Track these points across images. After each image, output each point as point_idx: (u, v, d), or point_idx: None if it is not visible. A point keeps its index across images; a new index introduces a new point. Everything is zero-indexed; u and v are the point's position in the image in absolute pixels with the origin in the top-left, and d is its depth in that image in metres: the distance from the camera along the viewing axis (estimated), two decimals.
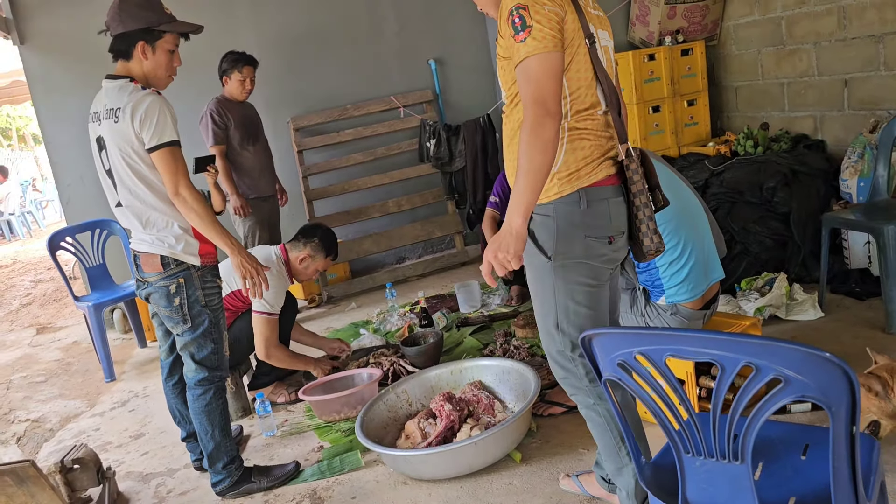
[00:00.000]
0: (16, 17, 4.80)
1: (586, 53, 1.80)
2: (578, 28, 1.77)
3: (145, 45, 2.44)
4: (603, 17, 1.94)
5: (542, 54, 1.70)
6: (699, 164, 4.48)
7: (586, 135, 1.84)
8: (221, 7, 5.18)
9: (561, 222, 1.84)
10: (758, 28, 4.81)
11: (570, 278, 1.88)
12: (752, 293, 3.55)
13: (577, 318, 1.92)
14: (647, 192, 1.89)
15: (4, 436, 3.83)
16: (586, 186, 1.83)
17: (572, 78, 1.80)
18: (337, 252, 3.70)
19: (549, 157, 1.69)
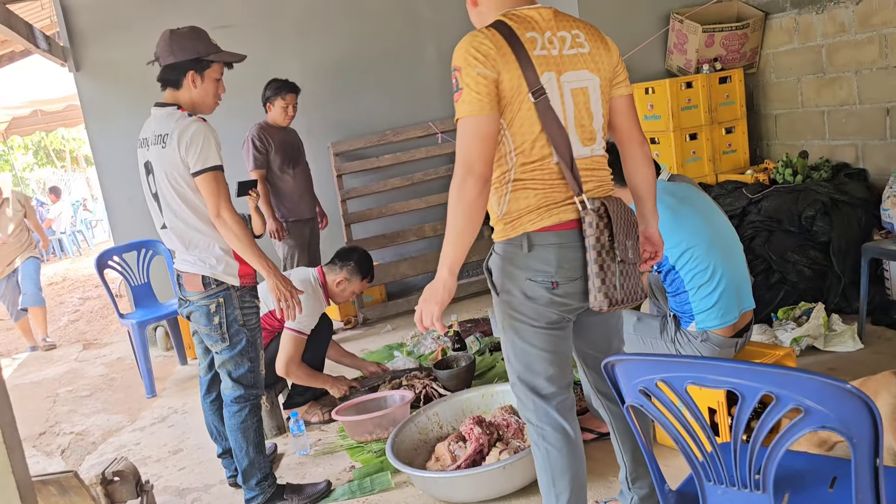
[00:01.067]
0: (72, 45, 5.03)
1: (531, 108, 1.79)
2: (519, 85, 1.77)
3: (195, 74, 2.57)
4: (586, 55, 1.87)
5: (469, 118, 1.75)
6: (737, 192, 4.45)
7: (532, 185, 1.83)
8: (266, 36, 5.35)
9: (505, 262, 1.89)
10: (798, 56, 4.78)
11: (514, 315, 1.91)
12: (789, 323, 3.51)
13: (523, 355, 1.93)
14: (607, 247, 1.82)
15: (50, 447, 3.95)
16: (532, 231, 1.83)
17: (516, 133, 1.81)
18: (373, 275, 3.76)
19: (471, 217, 1.76)
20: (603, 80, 1.90)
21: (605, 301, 1.81)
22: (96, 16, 5.04)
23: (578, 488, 1.97)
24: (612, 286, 1.82)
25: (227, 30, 5.03)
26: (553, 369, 1.93)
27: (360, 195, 5.47)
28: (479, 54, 1.76)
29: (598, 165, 1.93)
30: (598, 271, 1.81)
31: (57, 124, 11.49)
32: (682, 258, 2.62)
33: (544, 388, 1.94)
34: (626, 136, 2.01)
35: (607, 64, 1.92)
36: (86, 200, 17.85)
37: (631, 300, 1.88)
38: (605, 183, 1.95)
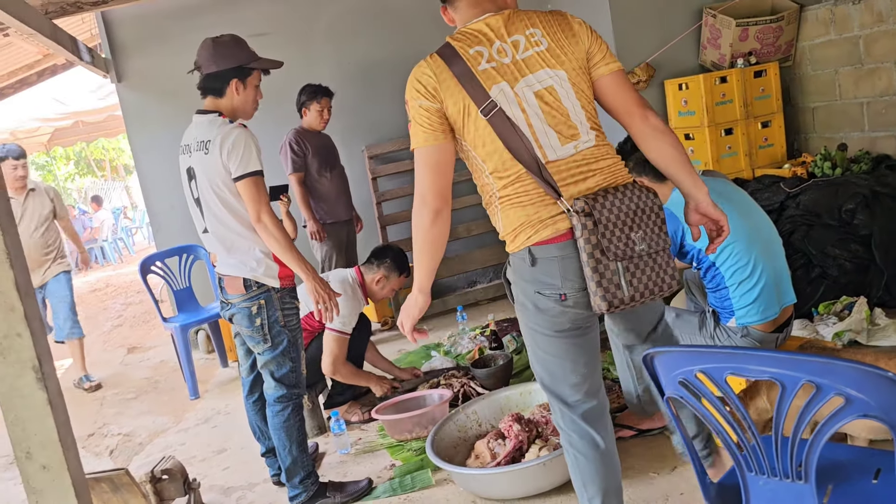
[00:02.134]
0: (114, 57, 5.17)
1: (487, 126, 1.77)
2: (468, 107, 1.77)
3: (238, 82, 2.64)
4: (544, 53, 1.81)
5: (418, 149, 1.84)
6: (774, 187, 4.40)
7: (517, 200, 1.82)
8: (299, 43, 5.43)
9: (516, 275, 1.91)
10: (834, 48, 4.71)
11: (529, 324, 1.92)
12: (831, 318, 3.46)
13: (546, 363, 1.94)
14: (598, 246, 1.74)
15: (98, 448, 4.07)
16: (532, 245, 1.81)
17: (482, 153, 1.82)
18: (409, 270, 3.81)
19: (426, 244, 1.88)
20: (571, 72, 1.82)
21: (604, 304, 1.74)
22: (136, 28, 5.17)
23: (611, 493, 1.95)
24: (614, 286, 1.75)
25: (261, 38, 5.12)
26: (575, 377, 1.90)
27: (394, 197, 5.52)
28: (421, 85, 1.81)
29: (594, 158, 1.84)
30: (593, 273, 1.74)
31: (97, 134, 11.78)
32: (721, 254, 2.62)
33: (569, 396, 1.92)
34: (624, 113, 1.88)
35: (574, 52, 1.83)
36: (126, 209, 18.27)
37: (650, 294, 1.79)
38: (608, 173, 1.85)
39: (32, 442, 1.89)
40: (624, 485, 2.55)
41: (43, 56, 7.38)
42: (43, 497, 1.90)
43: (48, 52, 7.02)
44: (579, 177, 1.81)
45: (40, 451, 1.89)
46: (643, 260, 1.79)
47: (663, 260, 1.83)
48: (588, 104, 1.85)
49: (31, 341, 1.85)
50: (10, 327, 1.84)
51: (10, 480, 3.79)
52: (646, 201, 1.82)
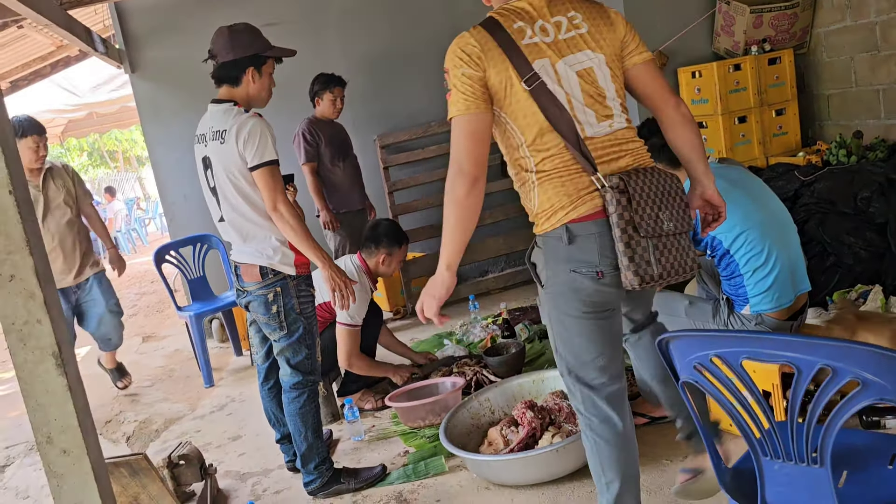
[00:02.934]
0: (128, 47, 5.20)
1: (528, 98, 1.79)
2: (510, 77, 1.79)
3: (254, 70, 2.65)
4: (585, 35, 1.86)
5: (458, 117, 1.82)
6: (788, 175, 4.37)
7: (556, 174, 1.83)
8: (310, 33, 5.44)
9: (548, 256, 1.88)
10: (850, 34, 4.67)
11: (559, 307, 1.90)
12: None
13: (571, 347, 1.92)
14: (630, 222, 1.77)
15: (115, 435, 4.12)
16: (569, 222, 1.82)
17: (521, 124, 1.83)
18: (406, 237, 3.81)
19: (463, 214, 1.82)
20: (609, 56, 1.88)
21: (636, 279, 1.76)
22: (149, 18, 5.19)
23: (629, 478, 1.95)
24: (645, 262, 1.77)
25: (273, 28, 5.12)
26: (603, 360, 1.91)
27: (406, 186, 5.52)
28: (465, 55, 1.81)
29: (625, 139, 1.89)
30: (625, 249, 1.76)
31: (111, 125, 11.85)
32: (736, 241, 2.61)
33: (594, 379, 1.92)
34: (655, 101, 1.95)
35: (611, 39, 1.89)
36: (139, 199, 18.38)
37: (674, 274, 1.82)
38: (637, 155, 1.90)
39: (53, 427, 1.92)
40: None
41: (56, 48, 7.43)
42: (63, 481, 1.93)
43: (62, 44, 7.06)
44: (613, 155, 1.85)
45: (60, 435, 1.92)
46: (670, 239, 1.82)
47: (686, 242, 1.87)
48: (620, 90, 1.91)
49: (50, 328, 1.87)
50: (30, 314, 1.86)
51: (31, 466, 3.84)
52: (671, 184, 1.87)
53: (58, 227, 4.07)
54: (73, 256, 4.13)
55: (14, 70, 7.79)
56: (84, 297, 4.25)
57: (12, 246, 1.84)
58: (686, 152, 1.96)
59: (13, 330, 1.86)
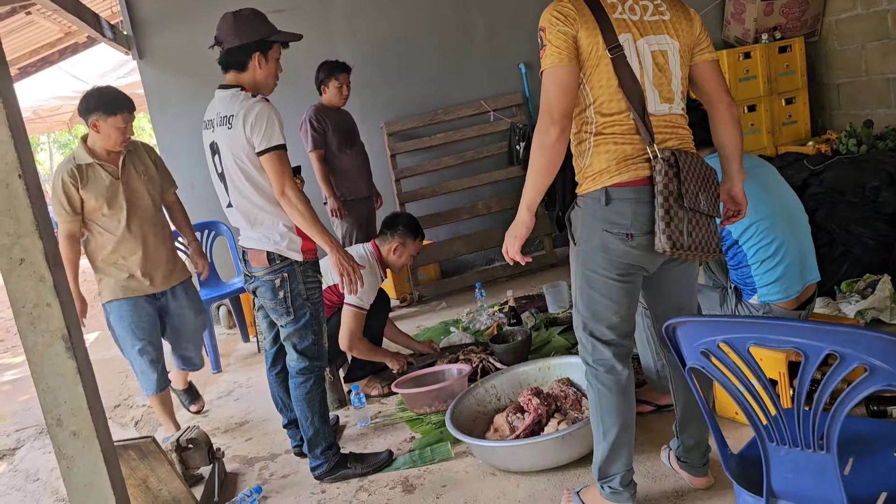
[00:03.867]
0: (135, 34, 5.20)
1: (609, 64, 1.94)
2: (597, 43, 1.93)
3: (260, 56, 2.64)
4: (667, 22, 2.01)
5: (551, 69, 1.95)
6: (798, 164, 4.35)
7: (612, 139, 1.98)
8: (317, 19, 5.42)
9: (585, 214, 2.05)
10: (861, 22, 4.63)
11: (588, 265, 2.07)
12: (853, 296, 3.44)
13: (591, 303, 2.09)
14: (675, 194, 1.93)
15: (124, 419, 4.15)
16: (610, 186, 1.98)
17: (595, 87, 1.98)
18: (423, 233, 3.83)
19: (549, 158, 1.95)
20: (682, 46, 2.03)
21: (668, 243, 1.91)
22: (157, 4, 5.19)
23: (625, 427, 2.12)
24: (678, 231, 1.92)
25: (280, 14, 5.12)
26: (617, 319, 2.08)
27: (413, 174, 5.52)
28: (561, 15, 1.95)
29: (677, 123, 2.05)
30: (664, 215, 1.92)
31: None
32: (746, 233, 2.60)
33: (605, 335, 2.10)
34: (713, 97, 2.12)
35: (688, 32, 2.05)
36: None
37: (700, 250, 1.97)
38: (684, 140, 2.06)
39: (63, 409, 1.94)
40: (641, 459, 2.59)
41: (64, 34, 7.44)
42: (73, 463, 1.95)
43: (70, 30, 7.07)
44: (666, 134, 2.01)
45: (70, 418, 1.94)
46: (703, 218, 2.00)
47: (714, 225, 2.05)
48: (684, 78, 2.07)
49: (60, 311, 1.89)
50: (39, 297, 1.88)
51: (41, 449, 3.88)
52: (711, 172, 2.06)
53: (140, 224, 3.25)
54: (158, 259, 3.30)
55: (23, 56, 7.81)
56: (169, 308, 3.40)
57: (22, 230, 1.85)
58: (728, 149, 2.15)
59: (23, 313, 1.88)
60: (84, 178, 3.14)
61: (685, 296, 2.19)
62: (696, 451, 2.32)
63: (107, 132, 3.10)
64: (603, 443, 2.14)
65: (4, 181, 1.83)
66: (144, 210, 3.29)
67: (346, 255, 2.73)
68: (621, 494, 2.17)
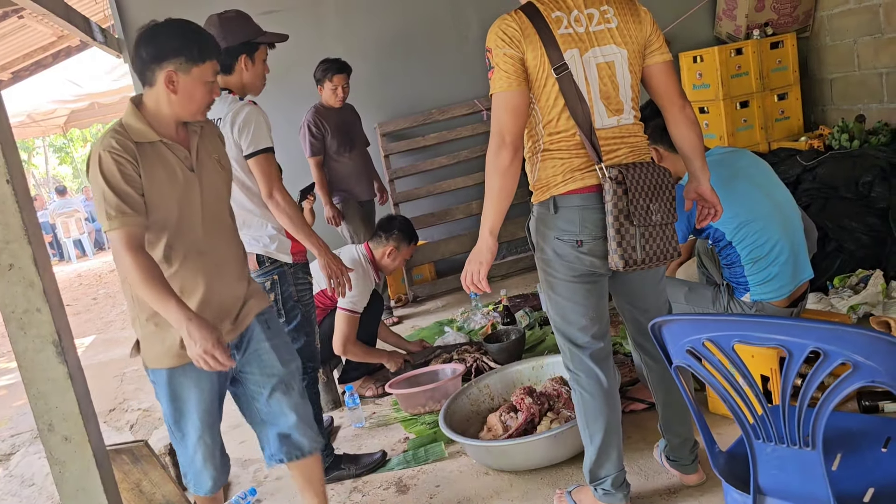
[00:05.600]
0: (127, 37, 5.18)
1: (555, 84, 1.94)
2: (542, 63, 1.93)
3: (246, 57, 2.64)
4: (613, 30, 1.98)
5: (499, 93, 1.95)
6: (790, 160, 4.36)
7: (558, 154, 2.00)
8: (310, 19, 5.42)
9: (538, 223, 2.08)
10: (854, 17, 4.64)
11: (548, 271, 2.10)
12: (846, 290, 3.44)
13: (558, 308, 2.12)
14: (624, 211, 1.94)
15: (119, 423, 4.15)
16: (558, 195, 2.00)
17: (542, 107, 1.98)
18: (417, 237, 3.83)
19: (505, 181, 1.96)
20: (632, 52, 2.01)
21: (621, 262, 1.95)
22: (148, 7, 5.16)
23: (611, 431, 2.13)
24: (631, 248, 1.95)
25: (272, 15, 5.12)
26: (585, 320, 2.09)
27: (407, 174, 5.52)
28: (506, 36, 1.94)
29: (629, 133, 2.04)
30: (615, 234, 1.94)
31: (113, 115, 11.84)
32: (739, 233, 2.59)
33: (578, 338, 2.11)
34: (665, 100, 2.10)
35: (637, 35, 2.01)
36: None
37: (655, 260, 2.00)
38: (637, 149, 2.05)
39: (54, 415, 1.94)
40: (635, 457, 2.60)
41: (57, 38, 7.43)
42: (66, 468, 1.95)
43: (62, 34, 7.06)
44: (614, 146, 2.01)
45: (62, 423, 1.94)
46: (656, 229, 2.00)
47: (671, 232, 2.05)
48: (635, 85, 2.05)
49: (50, 316, 1.88)
50: (29, 303, 1.88)
51: (36, 454, 3.88)
52: (664, 178, 2.03)
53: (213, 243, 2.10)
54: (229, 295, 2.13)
55: (16, 60, 7.80)
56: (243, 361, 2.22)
57: (11, 235, 1.85)
58: (686, 150, 2.14)
59: (13, 318, 1.88)
60: (145, 162, 1.93)
61: (651, 295, 2.20)
62: (684, 448, 2.33)
63: (189, 90, 1.98)
64: (591, 447, 2.16)
65: None
66: (221, 222, 2.14)
67: (334, 258, 2.73)
68: (614, 496, 2.17)
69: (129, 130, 1.95)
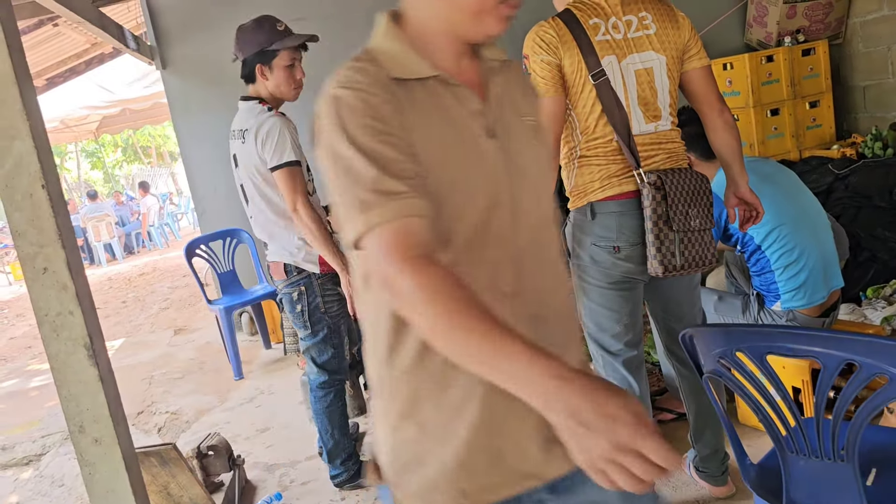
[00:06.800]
0: (159, 44, 5.27)
1: (592, 90, 1.95)
2: (580, 69, 1.94)
3: (262, 66, 2.60)
4: (651, 37, 1.98)
5: None
6: (822, 168, 4.29)
7: (595, 160, 2.01)
8: (339, 27, 5.45)
9: (575, 229, 2.10)
10: (888, 24, 4.56)
11: (584, 277, 2.10)
12: (879, 301, 3.38)
13: (592, 314, 2.12)
14: (663, 217, 1.94)
15: (147, 426, 4.20)
16: (595, 201, 2.02)
17: (580, 112, 2.00)
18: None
19: None
20: (670, 58, 2.02)
21: (661, 268, 1.95)
22: (180, 15, 5.26)
23: None
24: (670, 254, 1.96)
25: (300, 23, 5.15)
26: (619, 327, 2.09)
27: None
28: (543, 42, 1.96)
29: (666, 139, 2.05)
30: (654, 240, 1.95)
31: (144, 122, 12.04)
32: (768, 238, 2.57)
33: (612, 345, 2.11)
34: (704, 105, 2.11)
35: (675, 41, 2.02)
36: (171, 195, 18.66)
37: (694, 266, 2.00)
38: (674, 155, 2.06)
39: (85, 417, 1.96)
40: None
41: (91, 45, 7.56)
42: (95, 469, 1.97)
43: (95, 41, 7.19)
44: (652, 152, 2.02)
45: (92, 425, 1.96)
46: (695, 235, 2.01)
47: (709, 237, 2.05)
48: (673, 91, 2.06)
49: (82, 319, 1.91)
50: (62, 305, 1.91)
51: (66, 455, 3.93)
52: (702, 184, 2.04)
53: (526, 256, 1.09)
54: None
55: (50, 67, 7.94)
56: None
57: (45, 239, 1.88)
58: (724, 155, 2.14)
59: (46, 321, 1.91)
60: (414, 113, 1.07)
61: (686, 303, 2.19)
62: (714, 459, 2.30)
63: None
64: None
65: (28, 191, 1.86)
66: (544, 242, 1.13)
67: None
68: None
69: (383, 59, 1.16)
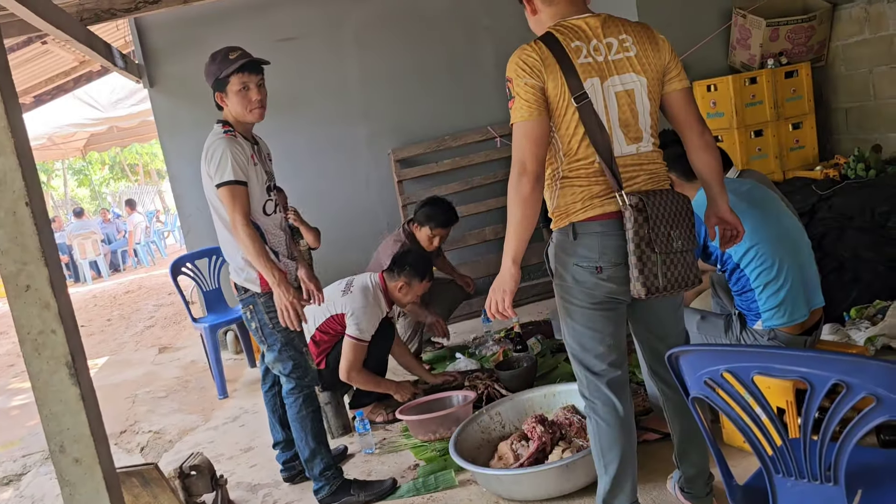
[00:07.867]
0: (147, 63, 5.27)
1: (575, 113, 1.95)
2: (563, 92, 1.94)
3: (220, 94, 2.73)
4: (632, 58, 1.99)
5: (520, 122, 1.97)
6: (805, 189, 4.33)
7: (577, 181, 2.01)
8: (327, 46, 5.47)
9: (557, 249, 2.09)
10: (869, 47, 4.63)
11: (566, 298, 2.09)
12: (863, 322, 3.40)
13: (575, 335, 2.11)
14: (645, 238, 1.93)
15: (130, 445, 4.14)
16: (577, 221, 2.01)
17: (563, 135, 2.00)
18: (432, 274, 3.78)
19: (527, 210, 1.96)
20: (651, 80, 2.02)
21: (643, 289, 1.94)
22: (168, 34, 5.26)
23: (626, 461, 2.11)
24: (653, 275, 1.95)
25: (290, 42, 5.19)
26: (602, 348, 2.08)
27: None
28: (526, 66, 1.95)
29: (648, 161, 2.05)
30: (637, 262, 1.94)
31: (131, 139, 11.99)
32: (746, 256, 2.59)
33: (595, 366, 2.09)
34: (684, 126, 2.11)
35: (655, 63, 2.03)
36: (158, 212, 18.55)
37: (678, 286, 1.99)
38: (655, 176, 2.06)
39: (66, 436, 1.93)
40: (648, 488, 2.56)
41: (79, 63, 7.55)
42: (76, 489, 1.94)
43: (84, 59, 7.18)
44: (633, 173, 2.02)
45: (73, 444, 1.93)
46: (677, 256, 1.99)
47: (691, 258, 2.04)
48: (654, 112, 2.06)
49: (64, 338, 1.89)
50: (44, 324, 1.88)
51: (46, 475, 3.87)
52: (684, 205, 2.04)
53: None
54: None
55: (39, 84, 7.92)
56: None
57: (28, 257, 1.86)
58: (704, 175, 2.15)
59: (28, 339, 1.88)
60: None
61: (670, 323, 2.19)
62: (699, 480, 2.30)
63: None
64: (605, 476, 2.13)
65: (11, 209, 1.84)
66: None
67: (287, 290, 2.65)
68: None
69: None
